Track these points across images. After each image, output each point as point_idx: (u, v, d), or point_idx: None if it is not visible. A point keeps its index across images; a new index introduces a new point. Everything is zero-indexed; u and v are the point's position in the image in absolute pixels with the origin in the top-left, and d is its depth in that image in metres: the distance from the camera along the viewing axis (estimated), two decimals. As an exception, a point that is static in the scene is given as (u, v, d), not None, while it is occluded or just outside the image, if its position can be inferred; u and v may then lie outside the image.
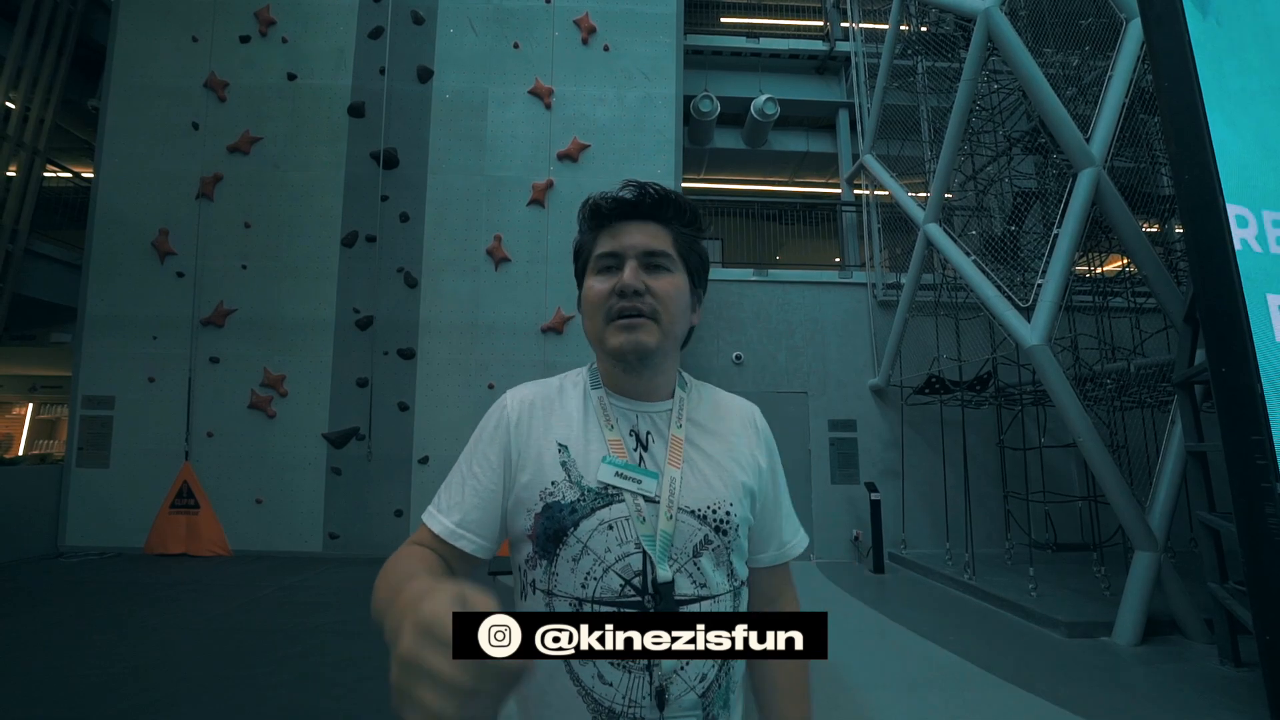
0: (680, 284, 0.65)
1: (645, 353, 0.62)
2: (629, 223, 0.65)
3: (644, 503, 0.59)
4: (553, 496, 0.60)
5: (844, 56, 7.88)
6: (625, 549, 0.58)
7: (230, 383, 5.91)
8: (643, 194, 0.65)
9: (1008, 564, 5.28)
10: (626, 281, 0.62)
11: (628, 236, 0.64)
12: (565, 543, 0.58)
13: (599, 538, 0.58)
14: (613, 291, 0.63)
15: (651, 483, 0.60)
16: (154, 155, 6.13)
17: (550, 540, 0.59)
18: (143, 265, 6.03)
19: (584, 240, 0.69)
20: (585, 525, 0.58)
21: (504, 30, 6.37)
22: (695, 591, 0.59)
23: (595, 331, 0.65)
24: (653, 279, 0.63)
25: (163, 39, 6.25)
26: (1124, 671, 3.27)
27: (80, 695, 2.68)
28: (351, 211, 6.11)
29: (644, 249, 0.64)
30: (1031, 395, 5.15)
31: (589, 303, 0.66)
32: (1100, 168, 4.11)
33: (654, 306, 0.62)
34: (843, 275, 7.04)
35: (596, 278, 0.65)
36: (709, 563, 0.60)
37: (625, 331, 0.62)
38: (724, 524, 0.62)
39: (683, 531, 0.59)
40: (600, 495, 0.59)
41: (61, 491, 5.79)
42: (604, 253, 0.65)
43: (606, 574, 0.57)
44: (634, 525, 0.58)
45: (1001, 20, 4.41)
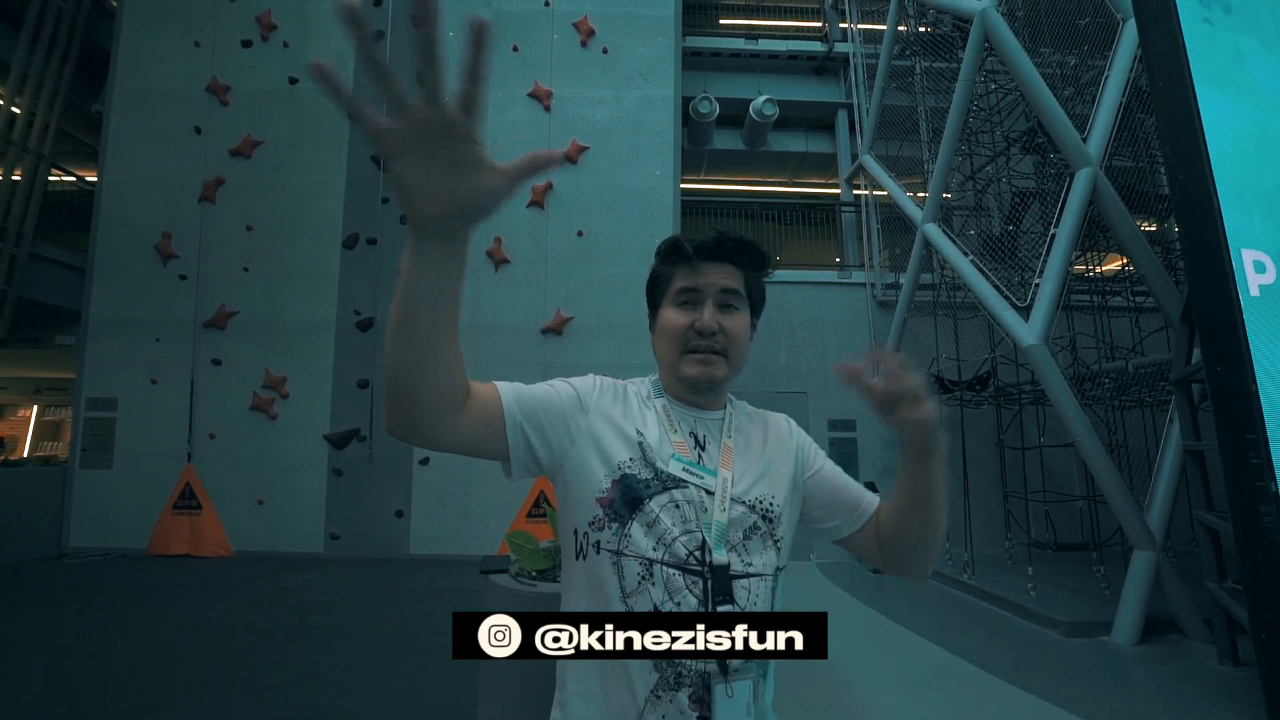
0: (746, 321, 0.75)
1: (715, 384, 0.73)
2: (708, 263, 0.73)
3: (705, 495, 0.68)
4: (630, 469, 0.67)
5: (842, 57, 7.90)
6: (689, 526, 0.66)
7: (232, 384, 5.95)
8: (722, 238, 0.74)
9: (1007, 563, 5.28)
10: (706, 323, 0.71)
11: (706, 275, 0.73)
12: (641, 509, 0.66)
13: (669, 512, 0.66)
14: (690, 327, 0.72)
15: (711, 479, 0.69)
16: (157, 159, 6.18)
17: (626, 505, 0.66)
18: (146, 268, 6.08)
19: (662, 272, 0.76)
20: (659, 499, 0.66)
21: (503, 33, 6.41)
22: (744, 569, 0.67)
23: (669, 358, 0.74)
24: (726, 318, 0.72)
25: (165, 43, 6.31)
26: (1122, 671, 3.27)
27: (82, 695, 2.71)
28: (352, 214, 6.15)
29: (721, 288, 0.73)
30: (1031, 395, 5.15)
31: (667, 332, 0.74)
32: (1097, 167, 4.12)
33: (725, 345, 0.72)
34: (842, 275, 7.05)
35: (676, 310, 0.73)
36: (756, 545, 0.68)
37: (701, 365, 0.72)
38: (770, 512, 0.71)
39: (736, 520, 0.68)
40: (672, 479, 0.68)
41: (65, 493, 5.83)
42: (685, 287, 0.73)
43: (674, 543, 0.65)
44: (695, 510, 0.67)
45: (998, 21, 4.42)
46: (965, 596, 4.76)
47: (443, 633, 3.49)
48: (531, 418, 0.66)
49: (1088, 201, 4.12)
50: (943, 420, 0.75)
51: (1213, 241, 2.80)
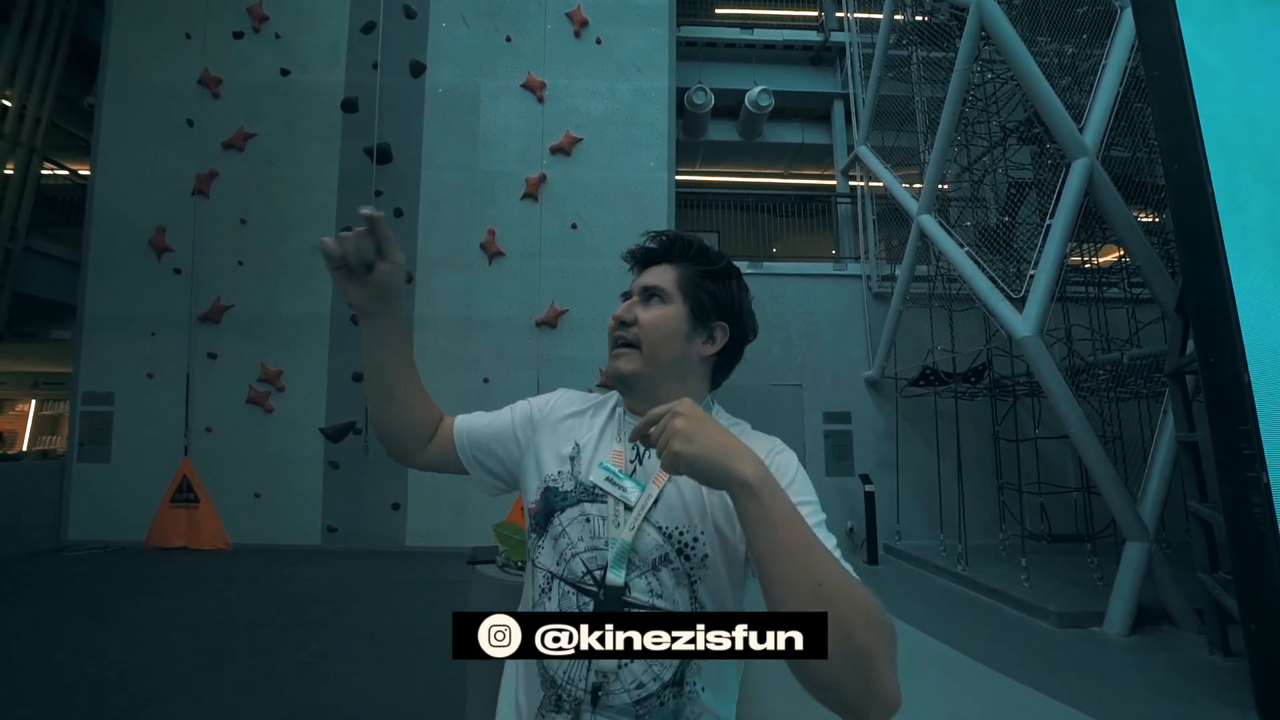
0: (669, 314, 0.70)
1: (622, 378, 0.70)
2: (652, 267, 0.75)
3: (623, 510, 0.64)
4: (554, 483, 0.68)
5: (839, 47, 7.82)
6: (595, 542, 0.64)
7: (228, 378, 5.95)
8: (650, 240, 0.76)
9: (1002, 555, 5.29)
10: (618, 313, 0.72)
11: (642, 278, 0.74)
12: (552, 523, 0.66)
13: (575, 527, 0.65)
14: (611, 322, 0.73)
15: (635, 492, 0.64)
16: (150, 152, 6.15)
17: (543, 518, 0.67)
18: (140, 262, 6.07)
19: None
20: (569, 513, 0.66)
21: (496, 24, 6.35)
22: (650, 600, 0.60)
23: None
24: (643, 310, 0.71)
25: (157, 36, 6.26)
26: (1112, 661, 3.28)
27: (80, 687, 2.73)
28: (346, 207, 6.12)
29: (644, 285, 0.73)
30: (1026, 386, 5.14)
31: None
32: (1094, 158, 4.08)
33: (636, 335, 0.70)
34: (837, 267, 7.03)
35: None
36: (668, 579, 0.61)
37: (612, 360, 0.72)
38: (688, 549, 0.62)
39: (645, 542, 0.62)
40: (589, 492, 0.66)
41: (64, 486, 5.86)
42: (622, 293, 0.76)
43: (574, 559, 0.63)
44: (606, 526, 0.64)
45: (995, 9, 4.37)
46: (959, 588, 4.77)
47: (436, 626, 3.52)
48: (480, 447, 0.75)
49: (1084, 192, 4.09)
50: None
51: (1206, 232, 2.77)
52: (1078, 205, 4.08)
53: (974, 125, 5.65)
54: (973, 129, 5.67)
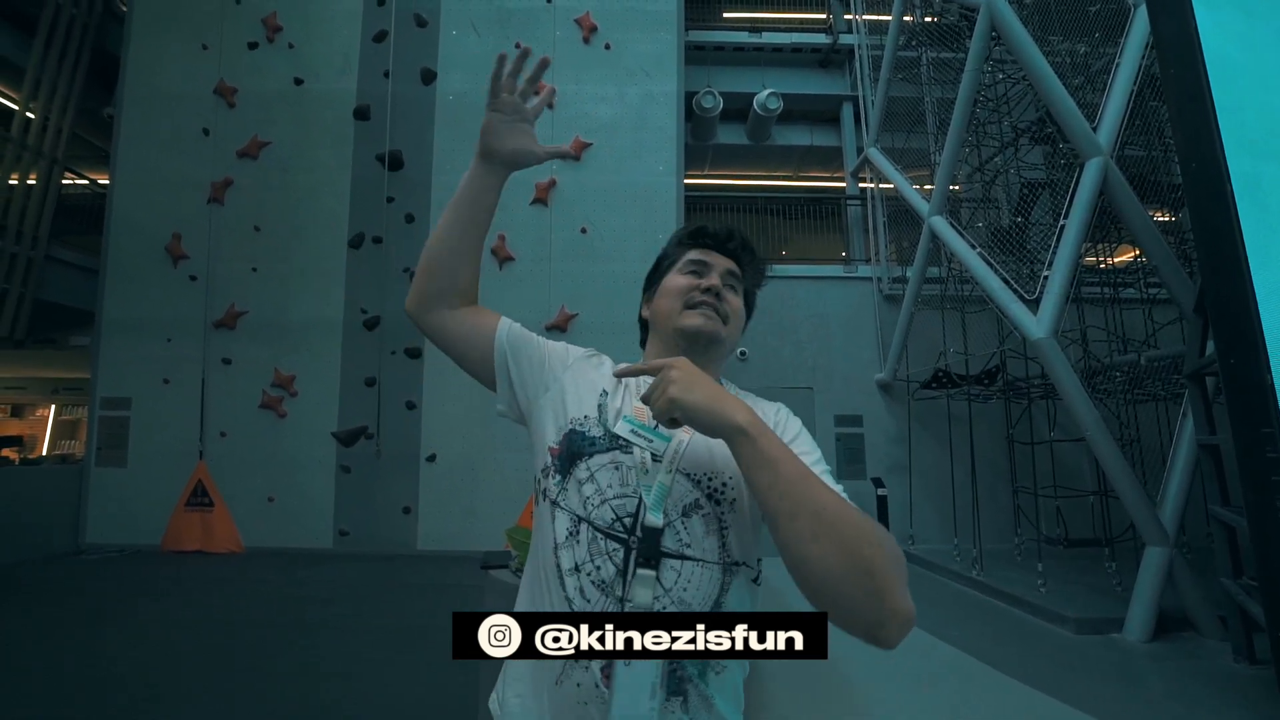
0: (741, 307, 0.79)
1: (714, 339, 0.73)
2: (717, 252, 0.78)
3: (651, 459, 0.65)
4: (582, 426, 0.68)
5: (847, 49, 7.81)
6: (624, 490, 0.64)
7: (242, 383, 6.03)
8: (734, 234, 0.80)
9: (1017, 559, 5.22)
10: (714, 281, 0.74)
11: (718, 260, 0.78)
12: (578, 466, 0.66)
13: (605, 473, 0.65)
14: (695, 286, 0.74)
15: (661, 444, 0.64)
16: (167, 161, 6.26)
17: (568, 460, 0.67)
18: (157, 269, 6.17)
19: (673, 252, 0.81)
20: (598, 459, 0.66)
21: (506, 31, 6.41)
22: (679, 548, 0.61)
23: (669, 312, 0.75)
24: (731, 294, 0.76)
25: (174, 47, 6.38)
26: (1134, 668, 3.22)
27: (97, 686, 2.76)
28: (358, 213, 6.19)
29: (728, 269, 0.77)
30: (1041, 389, 5.08)
31: (670, 291, 0.76)
32: (1108, 157, 4.04)
33: (725, 312, 0.74)
34: (848, 270, 6.99)
35: (682, 276, 0.77)
36: (699, 526, 0.62)
37: (703, 317, 0.73)
38: (718, 493, 0.64)
39: (678, 490, 0.63)
40: (616, 440, 0.66)
41: (82, 490, 5.95)
42: (695, 259, 0.77)
43: (603, 505, 0.63)
44: (635, 474, 0.64)
45: (1005, 9, 4.35)
46: (973, 593, 4.71)
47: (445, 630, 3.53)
48: (516, 352, 0.74)
49: (1098, 192, 4.04)
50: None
51: (1226, 231, 2.73)
52: (1092, 205, 4.04)
53: (985, 126, 5.61)
54: (984, 129, 5.63)
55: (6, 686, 2.75)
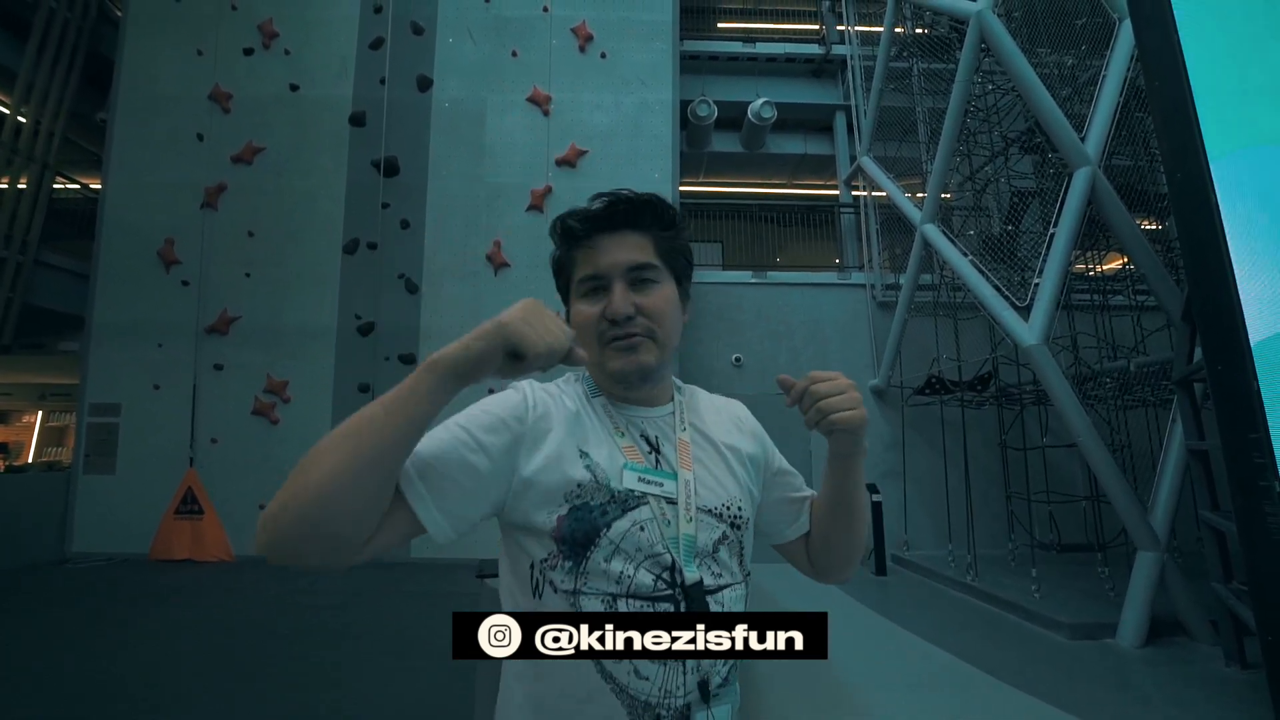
0: (670, 294, 0.64)
1: (647, 373, 0.63)
2: (605, 237, 0.63)
3: (666, 505, 0.60)
4: (580, 498, 0.58)
5: (840, 59, 7.93)
6: (654, 549, 0.59)
7: (234, 389, 5.97)
8: (614, 205, 0.63)
9: (1011, 565, 5.24)
10: (616, 309, 0.60)
11: (607, 254, 0.62)
12: (597, 544, 0.57)
13: (631, 538, 0.58)
14: (603, 316, 0.61)
15: (671, 485, 0.61)
16: (160, 166, 6.23)
17: (580, 543, 0.57)
18: (149, 274, 6.12)
19: (563, 257, 0.66)
20: (618, 527, 0.58)
21: (502, 39, 6.45)
22: (716, 582, 0.61)
23: (594, 355, 0.63)
24: (642, 296, 0.62)
25: (169, 52, 6.37)
26: (1127, 673, 3.23)
27: (82, 699, 2.71)
28: (353, 219, 6.18)
29: (627, 265, 0.62)
30: (1033, 395, 5.12)
31: (579, 328, 0.63)
32: (1096, 167, 4.11)
33: (648, 326, 0.62)
34: (842, 276, 7.05)
35: (583, 301, 0.63)
36: (726, 555, 0.63)
37: (625, 354, 0.61)
38: (738, 520, 0.65)
39: (703, 530, 0.62)
40: (627, 498, 0.59)
41: (69, 498, 5.86)
42: (586, 276, 0.63)
43: (639, 571, 0.58)
44: (660, 526, 0.59)
45: (994, 22, 4.43)
46: (968, 599, 4.72)
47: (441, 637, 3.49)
48: (442, 495, 0.55)
49: (1087, 201, 4.11)
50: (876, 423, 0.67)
51: (1211, 241, 2.78)
52: (1081, 214, 4.10)
53: (976, 135, 5.70)
54: (974, 139, 5.71)
55: (-11, 699, 2.69)
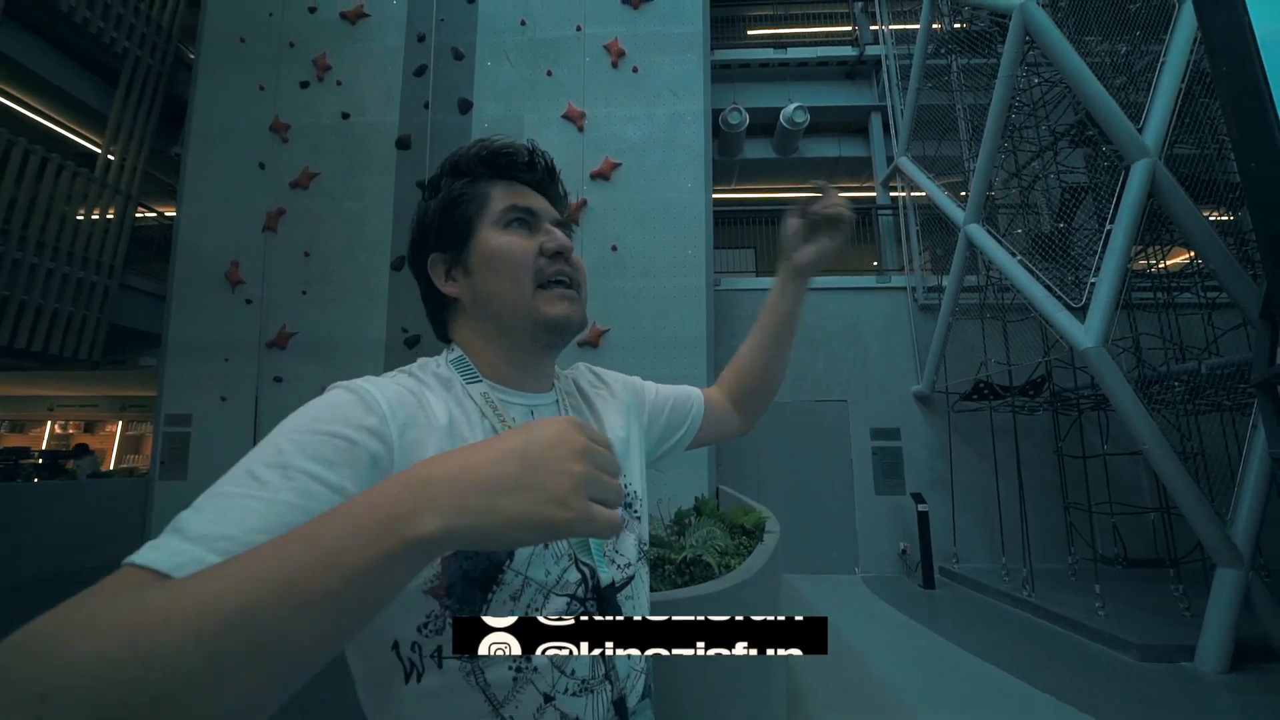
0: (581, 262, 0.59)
1: (582, 328, 0.56)
2: (521, 186, 0.57)
3: None
4: None
5: (874, 60, 7.79)
6: (561, 565, 0.49)
7: (292, 400, 6.19)
8: (535, 159, 0.58)
9: (1071, 580, 4.95)
10: (565, 243, 0.54)
11: (534, 200, 0.56)
12: (500, 582, 0.46)
13: (537, 562, 0.48)
14: (541, 252, 0.54)
15: None
16: (226, 194, 6.73)
17: (476, 585, 0.46)
18: (217, 294, 6.61)
19: (461, 189, 0.56)
20: (521, 553, 0.47)
21: (538, 60, 6.68)
22: (621, 576, 0.53)
23: (519, 296, 0.53)
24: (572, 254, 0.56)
25: (234, 90, 6.90)
26: (1210, 701, 3.00)
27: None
28: (399, 237, 6.49)
29: (556, 218, 0.57)
30: (1091, 400, 4.85)
31: (509, 260, 0.53)
32: (1156, 158, 3.89)
33: (578, 280, 0.56)
34: (881, 280, 6.88)
35: (511, 233, 0.54)
36: (625, 539, 0.56)
37: (566, 301, 0.54)
38: (632, 500, 0.58)
39: None
40: None
41: (147, 502, 6.34)
42: (518, 205, 0.55)
43: (549, 598, 0.48)
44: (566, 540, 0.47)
45: (1039, 14, 4.28)
46: (1024, 614, 4.48)
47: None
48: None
49: (1146, 194, 3.89)
50: None
51: (1292, 232, 2.60)
52: (1140, 208, 3.89)
53: (1021, 130, 5.48)
54: (1020, 134, 5.50)
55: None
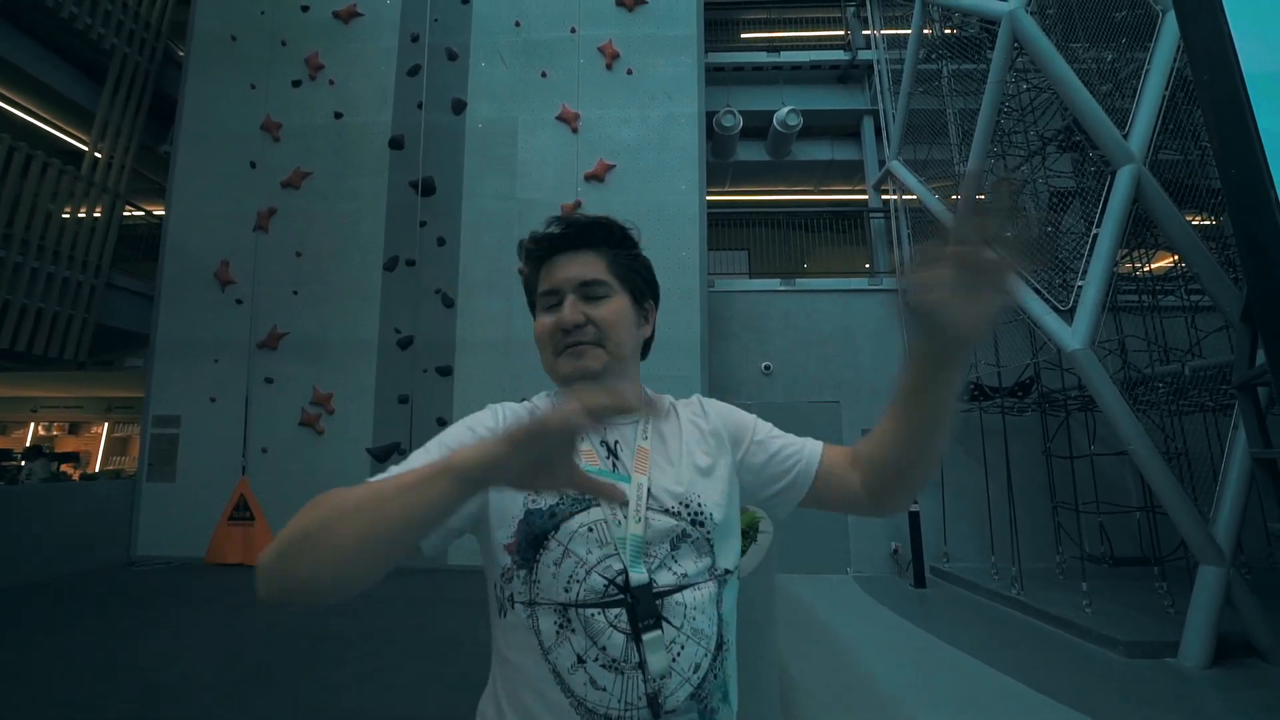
0: (620, 306, 0.69)
1: (593, 376, 0.66)
2: (561, 256, 0.69)
3: (618, 508, 0.60)
4: (534, 503, 0.60)
5: (866, 64, 7.87)
6: (605, 550, 0.58)
7: (283, 402, 6.29)
8: (566, 227, 0.69)
9: (1059, 578, 5.02)
10: (566, 318, 0.66)
11: (562, 271, 0.68)
12: (546, 547, 0.58)
13: (580, 540, 0.58)
14: (557, 327, 0.67)
15: (624, 486, 0.60)
16: (217, 193, 6.66)
17: (530, 546, 0.58)
18: (206, 294, 6.53)
19: (529, 276, 0.73)
20: (566, 528, 0.58)
21: (532, 61, 6.68)
22: (677, 581, 0.59)
23: (549, 364, 0.69)
24: (592, 308, 0.67)
25: (225, 88, 6.84)
26: (1194, 696, 3.06)
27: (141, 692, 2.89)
28: (392, 237, 6.46)
29: (579, 281, 0.68)
30: (1078, 401, 4.93)
31: (538, 338, 0.70)
32: (1141, 164, 3.97)
33: (597, 334, 0.67)
34: (872, 282, 6.95)
35: (544, 315, 0.69)
36: (689, 553, 0.61)
37: (573, 359, 0.67)
38: (699, 516, 0.63)
39: (657, 530, 0.60)
40: (578, 500, 0.60)
41: (133, 504, 6.25)
42: (545, 291, 0.69)
43: (590, 575, 0.57)
44: (610, 529, 0.59)
45: (1027, 21, 4.36)
46: (1014, 613, 4.54)
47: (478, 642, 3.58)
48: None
49: (1131, 199, 3.97)
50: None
51: (1273, 239, 2.66)
52: (1125, 213, 3.96)
53: (1010, 135, 5.56)
54: (1009, 139, 5.58)
55: (63, 693, 2.90)
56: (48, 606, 4.52)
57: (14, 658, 3.36)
